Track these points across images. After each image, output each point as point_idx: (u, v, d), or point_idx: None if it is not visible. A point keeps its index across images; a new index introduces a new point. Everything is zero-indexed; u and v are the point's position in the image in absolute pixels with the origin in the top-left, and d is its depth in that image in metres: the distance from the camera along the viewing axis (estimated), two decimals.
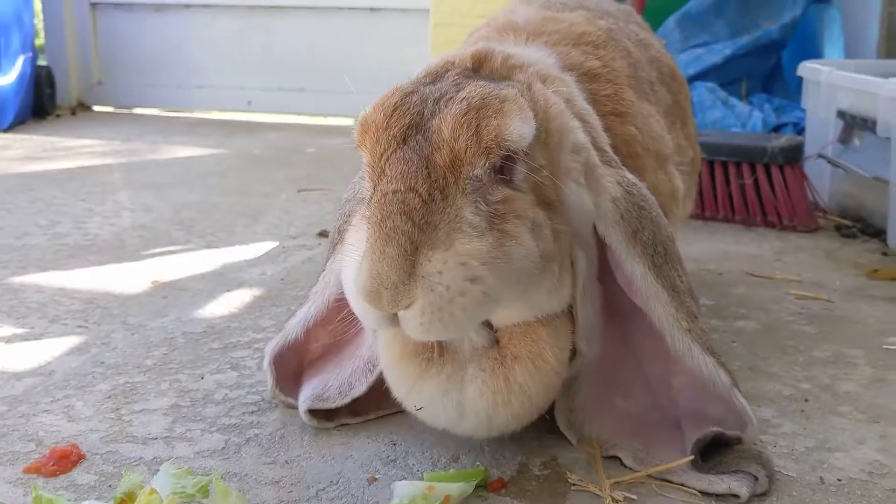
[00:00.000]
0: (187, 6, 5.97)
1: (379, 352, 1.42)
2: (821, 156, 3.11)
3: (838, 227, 3.05)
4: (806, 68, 3.32)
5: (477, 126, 1.18)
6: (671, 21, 4.38)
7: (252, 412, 1.63)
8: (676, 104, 1.96)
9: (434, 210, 1.16)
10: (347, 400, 1.54)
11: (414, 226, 1.14)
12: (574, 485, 1.38)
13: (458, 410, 1.32)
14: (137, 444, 1.50)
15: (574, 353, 1.41)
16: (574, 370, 1.44)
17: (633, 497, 1.35)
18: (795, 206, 3.02)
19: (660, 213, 1.44)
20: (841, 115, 3.03)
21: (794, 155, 2.99)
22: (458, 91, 1.24)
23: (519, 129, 1.20)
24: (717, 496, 1.34)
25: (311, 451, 1.49)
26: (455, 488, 1.28)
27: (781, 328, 2.10)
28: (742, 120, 4.02)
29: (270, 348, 1.62)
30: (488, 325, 1.35)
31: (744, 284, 2.45)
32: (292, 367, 1.64)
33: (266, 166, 4.25)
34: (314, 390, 1.58)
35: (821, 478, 1.41)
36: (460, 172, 1.19)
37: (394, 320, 1.18)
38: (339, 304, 1.48)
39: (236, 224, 3.10)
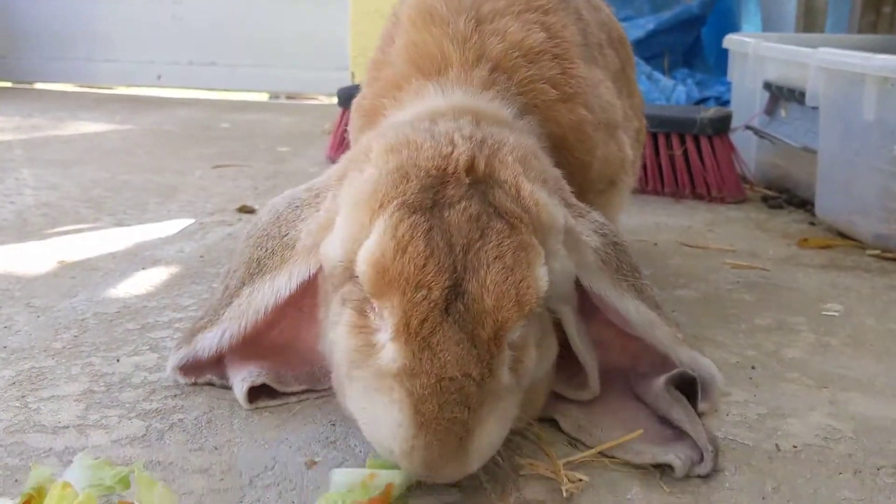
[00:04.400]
0: None
1: (329, 325, 1.32)
2: (748, 127, 3.12)
3: (765, 199, 3.06)
4: (732, 41, 3.32)
5: (517, 294, 1.15)
6: None
7: (175, 395, 1.50)
8: (623, 73, 1.91)
9: (484, 390, 1.13)
10: (305, 387, 1.48)
11: (470, 413, 1.11)
12: (523, 467, 1.30)
13: None
14: (47, 434, 1.36)
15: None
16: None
17: (584, 478, 1.27)
18: (724, 178, 3.02)
19: (621, 234, 1.44)
20: (767, 86, 3.03)
21: (723, 126, 2.99)
22: (483, 241, 1.17)
23: (544, 277, 1.19)
24: (664, 470, 1.29)
25: (242, 436, 1.37)
26: (398, 475, 1.16)
27: (722, 297, 2.07)
28: (666, 94, 4.03)
29: (176, 360, 1.51)
30: None
31: (679, 255, 2.42)
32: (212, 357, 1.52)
33: (178, 142, 4.05)
34: (270, 373, 1.47)
35: (776, 445, 1.37)
36: (502, 342, 1.15)
37: None
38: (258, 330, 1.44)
39: (149, 202, 2.92)
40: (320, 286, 1.37)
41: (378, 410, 1.15)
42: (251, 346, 1.46)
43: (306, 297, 1.41)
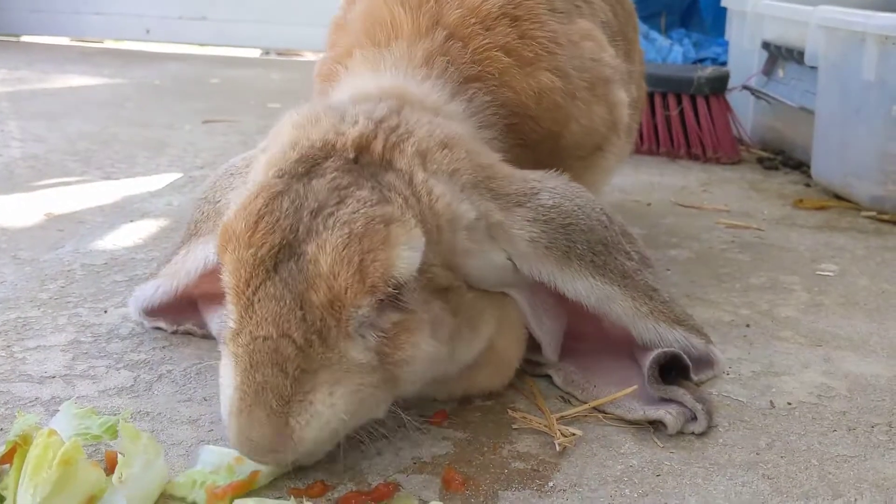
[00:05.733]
0: None
1: None
2: (745, 87, 3.08)
3: (760, 160, 3.04)
4: None
5: (360, 262, 1.05)
6: None
7: (163, 347, 1.48)
8: (623, 34, 1.84)
9: (311, 356, 1.05)
10: None
11: (286, 377, 1.03)
12: (516, 421, 1.29)
13: None
14: (33, 384, 1.34)
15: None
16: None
17: (577, 432, 1.26)
18: (720, 138, 3.00)
19: (591, 209, 1.34)
20: (766, 46, 3.00)
21: (720, 85, 2.95)
22: (339, 206, 1.10)
23: (407, 258, 1.09)
24: (658, 426, 1.28)
25: None
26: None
27: (715, 256, 2.05)
28: (662, 54, 3.98)
29: (135, 308, 1.53)
30: None
31: (673, 215, 2.40)
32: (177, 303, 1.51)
33: (167, 97, 4.00)
34: None
35: (771, 402, 1.37)
36: (341, 314, 1.06)
37: None
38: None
39: (137, 156, 2.88)
40: None
41: (220, 380, 1.12)
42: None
43: None
